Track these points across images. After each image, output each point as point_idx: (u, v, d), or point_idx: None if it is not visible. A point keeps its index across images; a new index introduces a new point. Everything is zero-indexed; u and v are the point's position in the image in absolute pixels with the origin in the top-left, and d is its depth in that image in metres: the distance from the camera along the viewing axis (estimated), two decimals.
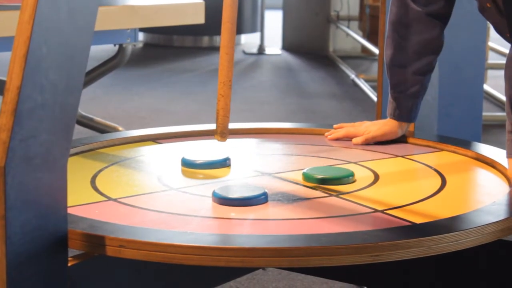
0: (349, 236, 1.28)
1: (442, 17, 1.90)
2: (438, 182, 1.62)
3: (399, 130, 1.94)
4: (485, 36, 2.68)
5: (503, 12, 1.72)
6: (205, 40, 7.63)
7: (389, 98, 1.96)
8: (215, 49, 7.49)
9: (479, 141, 2.20)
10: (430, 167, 1.73)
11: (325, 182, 1.58)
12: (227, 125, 1.70)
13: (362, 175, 1.65)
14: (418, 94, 1.93)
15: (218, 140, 1.71)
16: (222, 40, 1.67)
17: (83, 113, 3.47)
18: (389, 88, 1.96)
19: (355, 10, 7.14)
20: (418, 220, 1.38)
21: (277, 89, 5.71)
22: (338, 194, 1.53)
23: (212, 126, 2.02)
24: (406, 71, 1.91)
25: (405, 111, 1.93)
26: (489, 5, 1.74)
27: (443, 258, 1.46)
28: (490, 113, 4.70)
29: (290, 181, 1.61)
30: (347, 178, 1.60)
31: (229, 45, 1.66)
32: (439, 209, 1.46)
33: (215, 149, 1.85)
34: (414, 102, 1.93)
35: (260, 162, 1.77)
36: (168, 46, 7.56)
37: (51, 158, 1.22)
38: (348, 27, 6.96)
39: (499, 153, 1.75)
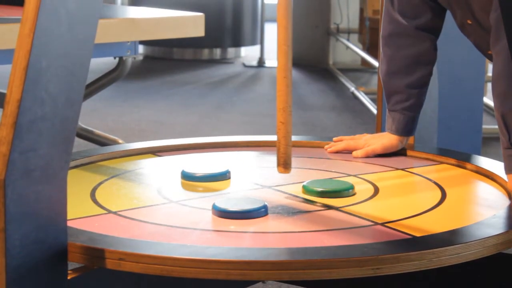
0: (350, 249, 1.28)
1: (432, 30, 1.90)
2: (438, 195, 1.62)
3: (399, 143, 1.93)
4: None
5: (484, 28, 1.72)
6: (205, 53, 7.64)
7: (387, 113, 1.96)
8: (215, 61, 7.50)
9: (479, 153, 2.20)
10: (430, 180, 1.73)
11: (325, 195, 1.58)
12: (291, 155, 1.57)
13: (362, 188, 1.65)
14: (414, 108, 1.92)
15: (281, 172, 1.58)
16: (279, 63, 1.54)
17: (83, 126, 3.47)
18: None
19: (355, 23, 7.15)
20: (418, 233, 1.38)
21: None
22: (338, 207, 1.53)
23: (211, 139, 2.02)
24: (399, 85, 1.92)
25: (402, 125, 1.92)
26: (470, 22, 1.74)
27: (443, 272, 1.45)
28: (490, 125, 4.69)
29: (290, 194, 1.61)
30: (347, 191, 1.60)
31: (286, 68, 1.54)
32: (439, 222, 1.45)
33: (215, 162, 1.85)
34: (410, 116, 1.92)
35: (260, 174, 1.77)
36: (168, 59, 7.57)
37: (51, 171, 1.22)
38: (348, 39, 6.97)
39: (499, 166, 1.74)
